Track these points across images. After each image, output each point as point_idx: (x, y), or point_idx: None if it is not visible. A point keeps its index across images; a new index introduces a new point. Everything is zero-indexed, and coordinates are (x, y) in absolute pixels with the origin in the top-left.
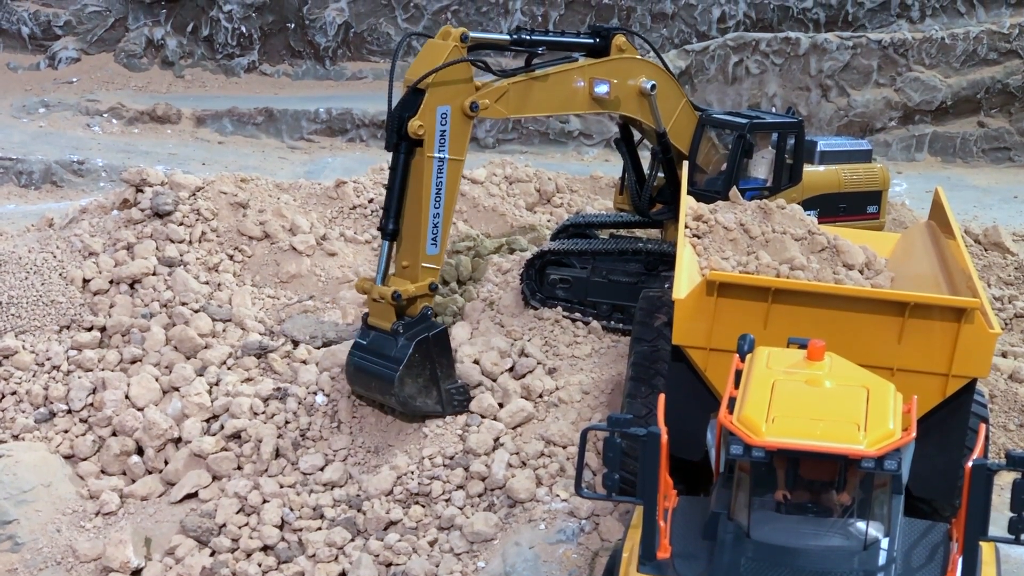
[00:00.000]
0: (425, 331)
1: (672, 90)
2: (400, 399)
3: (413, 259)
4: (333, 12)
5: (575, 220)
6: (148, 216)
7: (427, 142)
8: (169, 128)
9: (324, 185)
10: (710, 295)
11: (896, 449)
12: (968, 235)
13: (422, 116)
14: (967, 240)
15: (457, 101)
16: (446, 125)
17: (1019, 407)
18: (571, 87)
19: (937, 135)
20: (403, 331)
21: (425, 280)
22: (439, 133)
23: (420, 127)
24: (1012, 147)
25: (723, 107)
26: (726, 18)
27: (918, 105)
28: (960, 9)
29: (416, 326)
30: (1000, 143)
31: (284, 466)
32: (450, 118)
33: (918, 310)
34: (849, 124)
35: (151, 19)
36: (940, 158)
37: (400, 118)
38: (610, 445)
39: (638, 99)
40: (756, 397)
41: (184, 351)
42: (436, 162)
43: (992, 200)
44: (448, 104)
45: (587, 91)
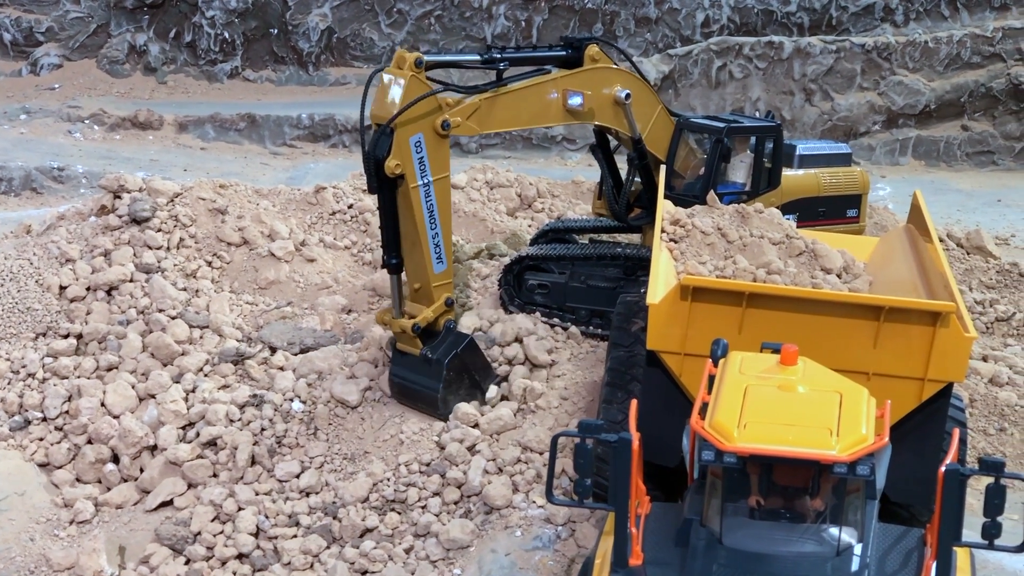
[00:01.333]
0: (453, 347)
1: (647, 97)
2: (448, 414)
3: (424, 281)
4: (316, 18)
5: (554, 225)
6: (126, 222)
7: (408, 175)
8: (151, 134)
9: (303, 191)
10: (684, 299)
11: (869, 454)
12: (950, 239)
13: (396, 154)
14: (949, 244)
15: (428, 127)
16: (422, 152)
17: (998, 411)
18: (544, 99)
19: (921, 139)
20: (432, 354)
21: (440, 298)
22: (417, 162)
23: (397, 165)
24: (995, 151)
25: (707, 111)
26: (710, 22)
27: (902, 109)
28: (944, 13)
29: (443, 344)
30: (984, 147)
31: (260, 473)
32: (424, 144)
33: (893, 314)
34: (833, 128)
35: (133, 25)
36: (924, 162)
37: (376, 159)
38: (581, 451)
39: (613, 108)
40: (728, 402)
41: (161, 358)
42: (422, 189)
43: (975, 204)
44: (420, 132)
45: (561, 103)
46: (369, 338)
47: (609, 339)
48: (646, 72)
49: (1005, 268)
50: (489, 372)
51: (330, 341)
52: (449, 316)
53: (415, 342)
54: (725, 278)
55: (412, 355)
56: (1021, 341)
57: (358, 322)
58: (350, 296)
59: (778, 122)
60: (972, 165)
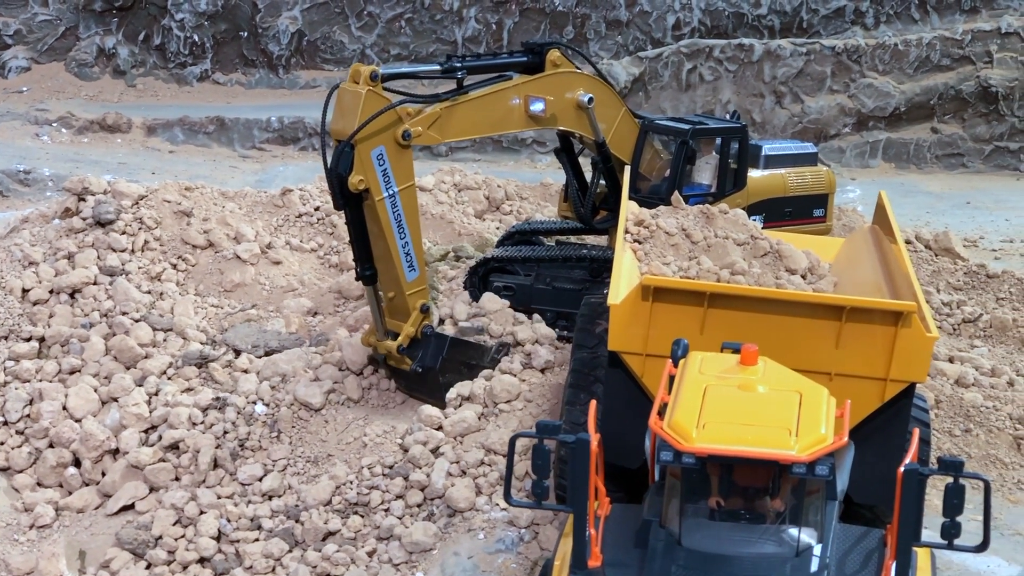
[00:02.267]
0: (439, 351)
1: (610, 100)
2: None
3: (397, 289)
4: (286, 20)
5: (521, 227)
6: (90, 225)
7: (372, 189)
8: (119, 137)
9: (270, 193)
10: (645, 300)
11: (828, 455)
12: (919, 240)
13: (359, 170)
14: (917, 246)
15: (389, 139)
16: (385, 164)
17: (964, 412)
18: (506, 106)
19: (891, 141)
20: (422, 367)
21: (416, 305)
22: (381, 174)
23: (361, 181)
24: (965, 153)
25: (677, 114)
26: (681, 25)
27: (872, 111)
28: (914, 16)
29: (428, 352)
30: (953, 149)
31: (222, 476)
32: (387, 156)
33: (855, 314)
34: (803, 131)
35: (102, 28)
36: (894, 164)
37: (339, 176)
38: (538, 452)
39: (576, 112)
40: (687, 402)
41: (123, 361)
42: (388, 201)
43: (945, 206)
44: (381, 145)
45: (523, 109)
46: (334, 341)
47: (573, 341)
48: (616, 75)
49: (973, 270)
50: (480, 352)
51: (295, 344)
52: (427, 321)
53: (404, 360)
54: (689, 279)
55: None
56: (988, 342)
57: (323, 324)
58: (316, 299)
59: (743, 123)
60: (942, 167)
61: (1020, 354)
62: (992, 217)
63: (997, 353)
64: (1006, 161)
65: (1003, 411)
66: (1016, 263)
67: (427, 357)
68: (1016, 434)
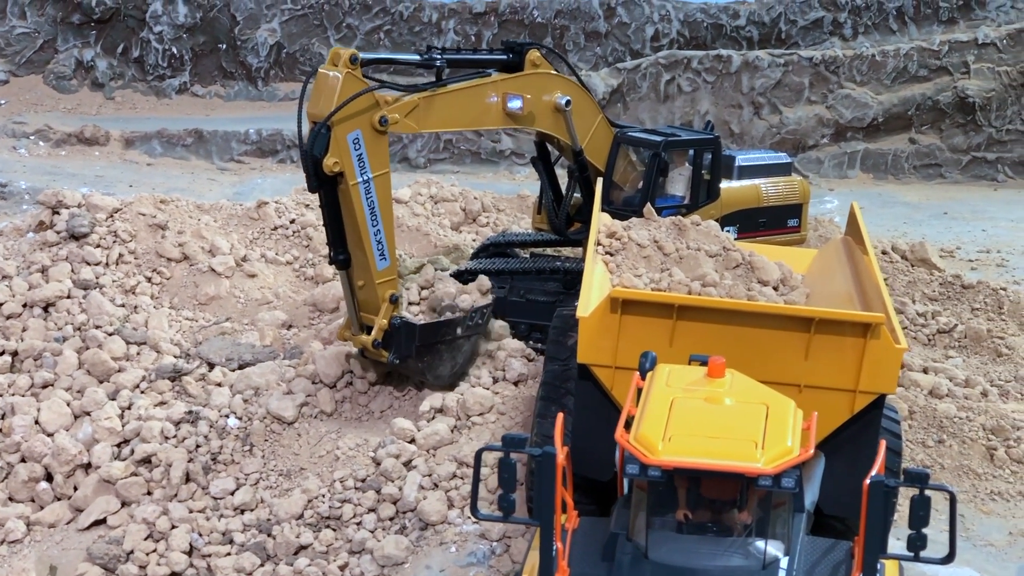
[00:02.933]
0: (410, 340)
1: (587, 106)
2: (452, 378)
3: (367, 277)
4: (265, 33)
5: (495, 239)
6: (64, 238)
7: (347, 172)
8: (97, 150)
9: (245, 206)
10: (614, 312)
11: (794, 467)
12: (895, 251)
13: (334, 152)
14: (893, 256)
15: (365, 123)
16: (361, 148)
17: (937, 423)
18: (484, 102)
19: (869, 152)
20: (397, 358)
21: (385, 295)
22: (356, 159)
23: (335, 163)
24: (943, 163)
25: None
26: (660, 36)
27: (850, 122)
28: (892, 27)
29: (400, 342)
30: (931, 159)
31: (194, 490)
32: (363, 141)
33: (824, 326)
34: (781, 141)
35: (81, 40)
36: (872, 175)
37: (314, 158)
38: (505, 466)
39: (553, 115)
40: (654, 415)
41: (97, 375)
42: (362, 186)
43: (922, 216)
44: (357, 129)
45: (500, 106)
46: (308, 354)
47: (545, 353)
48: (595, 86)
49: (948, 280)
50: (455, 324)
51: (269, 357)
52: (395, 311)
53: (380, 352)
54: (661, 291)
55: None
56: (962, 353)
57: (298, 337)
58: (291, 311)
59: (716, 134)
60: (919, 178)
61: (994, 365)
62: (969, 227)
63: (971, 364)
64: (983, 171)
65: (976, 422)
66: (992, 273)
67: (401, 348)
68: (989, 445)
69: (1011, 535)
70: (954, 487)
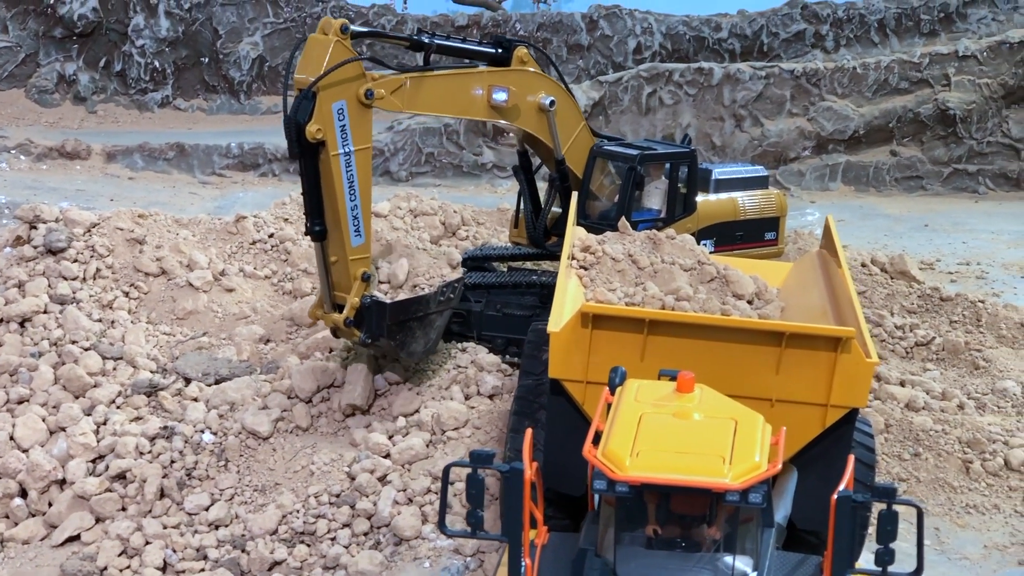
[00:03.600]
0: (380, 319)
1: (571, 110)
2: (425, 354)
3: (341, 254)
4: (247, 46)
5: (473, 253)
6: (41, 253)
7: (329, 142)
8: (78, 164)
9: (224, 220)
10: (585, 327)
11: (762, 482)
12: (874, 264)
13: (318, 119)
14: (872, 269)
15: (351, 93)
16: (345, 120)
17: (913, 436)
18: (470, 93)
19: (850, 164)
20: (369, 337)
21: (357, 273)
22: (339, 129)
23: (318, 130)
24: (924, 176)
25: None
26: (642, 49)
27: (831, 134)
28: (874, 39)
29: (372, 321)
30: (912, 172)
31: (169, 506)
32: (347, 112)
33: (794, 340)
34: (763, 154)
35: (63, 54)
36: (853, 187)
37: (297, 124)
38: (472, 482)
39: (537, 115)
40: (622, 431)
41: (72, 390)
42: (343, 158)
43: (903, 228)
44: (343, 99)
45: (485, 99)
46: (284, 368)
47: (520, 367)
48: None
49: (927, 293)
50: (426, 301)
51: (245, 372)
52: (366, 290)
53: (352, 331)
54: (634, 305)
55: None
56: (940, 365)
57: (275, 352)
58: (268, 326)
59: (693, 148)
60: (901, 190)
61: (972, 377)
62: (949, 240)
63: (949, 376)
64: (964, 184)
65: (952, 435)
66: (971, 286)
67: (372, 327)
68: (965, 458)
69: (986, 548)
70: (928, 501)
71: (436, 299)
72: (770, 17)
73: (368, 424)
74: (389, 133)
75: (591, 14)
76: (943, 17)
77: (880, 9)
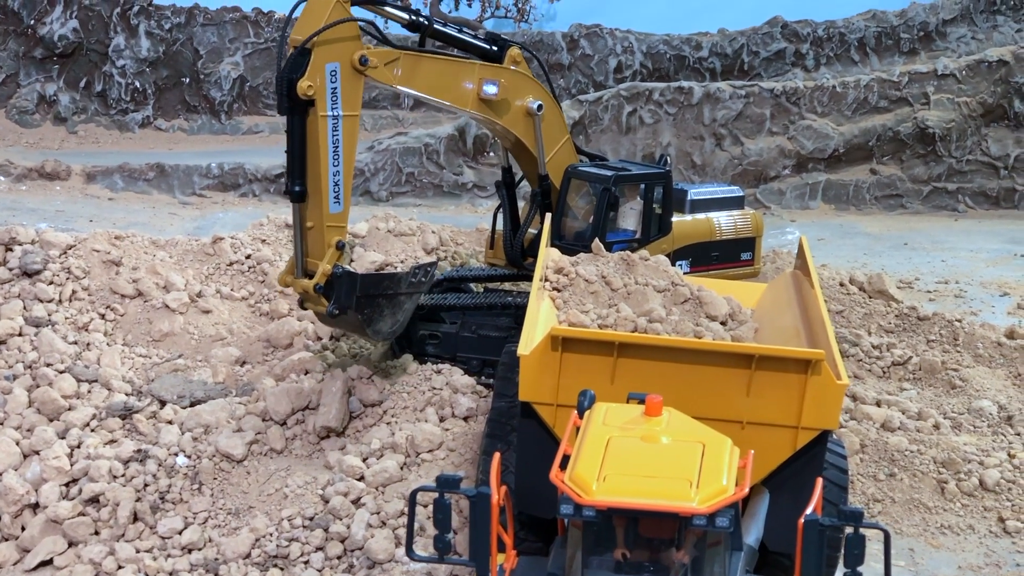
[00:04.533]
0: (351, 291)
1: (556, 119)
2: (390, 336)
3: (318, 220)
4: (228, 66)
5: (449, 274)
6: (16, 275)
7: (318, 102)
8: (58, 185)
9: (201, 241)
10: (555, 350)
11: (729, 506)
12: (852, 283)
13: (311, 76)
14: (850, 288)
15: (346, 56)
16: (336, 82)
17: (888, 457)
18: (460, 84)
19: (831, 183)
20: (337, 309)
21: (332, 240)
22: (330, 91)
23: (310, 87)
24: (904, 194)
25: (618, 157)
26: (623, 68)
27: (811, 153)
28: (854, 58)
29: (341, 293)
30: (892, 190)
31: (142, 530)
32: (340, 74)
33: (764, 362)
34: (743, 173)
35: (43, 75)
36: (834, 206)
37: (289, 80)
38: (439, 506)
39: (524, 119)
40: (589, 455)
41: (46, 413)
42: (330, 120)
43: (882, 247)
44: (337, 61)
45: (476, 92)
46: (259, 390)
47: (494, 389)
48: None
49: (904, 312)
50: (398, 279)
51: (221, 394)
52: (338, 259)
53: (320, 300)
54: (607, 327)
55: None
56: (917, 385)
57: (251, 374)
58: (244, 347)
59: (668, 168)
60: (881, 208)
61: (948, 397)
62: (929, 258)
63: (926, 396)
64: (944, 202)
65: (927, 455)
66: (950, 304)
67: (341, 297)
68: (940, 478)
69: (960, 569)
70: (903, 521)
71: (408, 280)
72: (750, 36)
73: (343, 446)
74: (369, 153)
75: (572, 33)
76: (922, 36)
77: (860, 28)
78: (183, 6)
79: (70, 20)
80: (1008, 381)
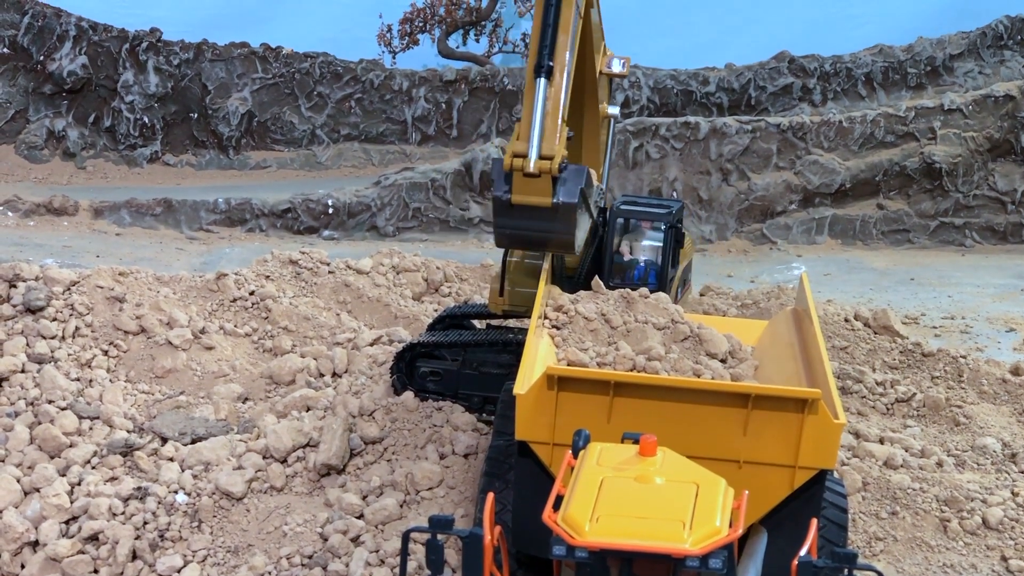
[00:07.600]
0: (576, 183)
1: None
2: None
3: (555, 102)
4: (236, 102)
5: (452, 311)
6: (20, 312)
7: None
8: (66, 220)
9: (205, 278)
10: (551, 389)
11: (723, 547)
12: (858, 319)
13: None
14: (855, 324)
15: None
16: None
17: (891, 495)
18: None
19: (837, 218)
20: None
21: (565, 129)
22: None
23: None
24: (910, 229)
25: (624, 192)
26: (630, 103)
27: (817, 188)
28: (861, 92)
29: (570, 183)
30: (899, 225)
31: (141, 568)
32: None
33: (761, 401)
34: (750, 208)
35: (52, 110)
36: (840, 240)
37: None
38: (431, 547)
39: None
40: (583, 495)
41: (48, 450)
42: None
43: (889, 282)
44: None
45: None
46: (260, 427)
47: (493, 428)
48: None
49: (909, 348)
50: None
51: (222, 431)
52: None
53: (546, 184)
54: (606, 365)
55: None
56: (921, 422)
57: (253, 410)
58: (247, 384)
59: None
60: (888, 243)
61: (952, 434)
62: (935, 294)
63: (929, 433)
64: (951, 236)
65: (930, 493)
66: (955, 340)
67: (570, 188)
68: (942, 516)
69: None
70: (905, 560)
71: (594, 196)
72: (757, 71)
73: (343, 484)
74: (375, 188)
75: None
76: (929, 71)
77: (867, 63)
78: (191, 42)
79: (79, 56)
80: (1013, 418)
